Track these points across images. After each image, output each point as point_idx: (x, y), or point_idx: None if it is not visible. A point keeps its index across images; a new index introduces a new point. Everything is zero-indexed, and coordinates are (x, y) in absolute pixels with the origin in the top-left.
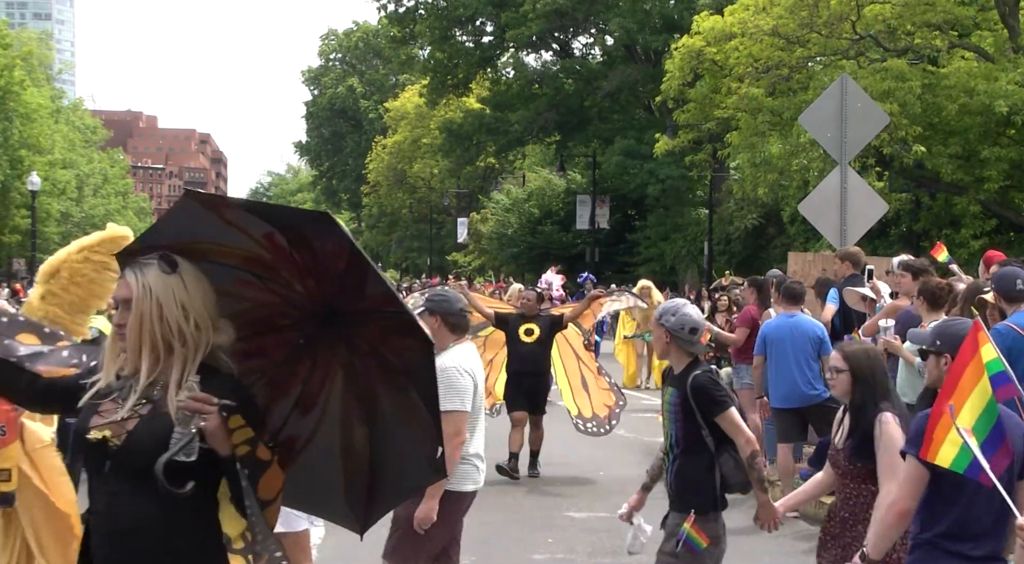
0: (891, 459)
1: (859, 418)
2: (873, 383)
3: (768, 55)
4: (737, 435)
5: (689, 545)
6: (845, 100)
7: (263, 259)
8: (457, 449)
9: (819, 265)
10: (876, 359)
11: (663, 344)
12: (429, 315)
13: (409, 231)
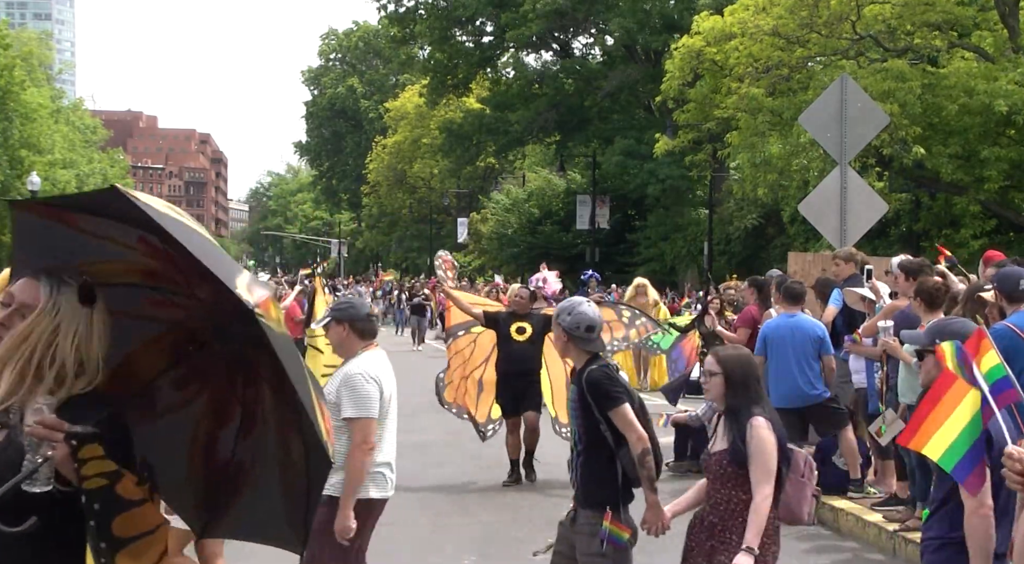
0: (764, 463)
1: (731, 423)
2: (746, 388)
3: (768, 55)
4: (629, 432)
5: (614, 541)
6: (845, 100)
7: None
8: (367, 456)
9: (819, 265)
10: (749, 364)
11: (562, 343)
12: (336, 323)
13: (409, 231)
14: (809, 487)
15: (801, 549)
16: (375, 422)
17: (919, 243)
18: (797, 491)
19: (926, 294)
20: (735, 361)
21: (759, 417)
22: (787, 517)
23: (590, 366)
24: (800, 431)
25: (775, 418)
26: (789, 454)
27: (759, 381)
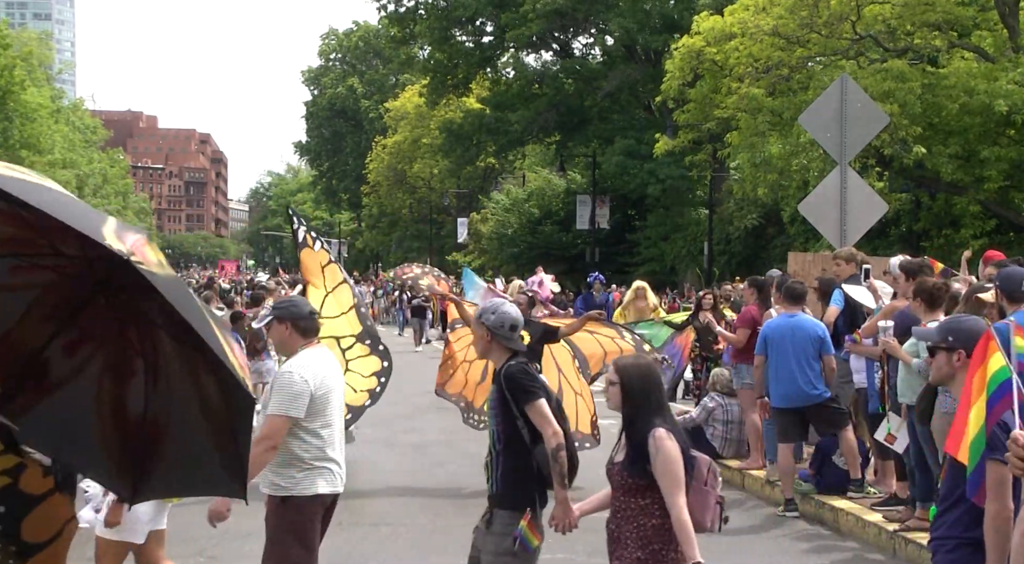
0: (672, 474)
1: (630, 433)
2: (645, 398)
3: (768, 55)
4: (545, 427)
5: (524, 544)
6: (845, 100)
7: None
8: (267, 452)
9: (819, 265)
10: (648, 374)
11: (484, 343)
12: (279, 322)
13: (409, 231)
14: (712, 495)
15: (801, 549)
16: (289, 422)
17: (919, 243)
18: (700, 499)
19: (926, 294)
20: (633, 370)
21: (660, 428)
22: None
23: (509, 363)
24: (800, 431)
25: (677, 427)
26: (692, 461)
27: (661, 390)
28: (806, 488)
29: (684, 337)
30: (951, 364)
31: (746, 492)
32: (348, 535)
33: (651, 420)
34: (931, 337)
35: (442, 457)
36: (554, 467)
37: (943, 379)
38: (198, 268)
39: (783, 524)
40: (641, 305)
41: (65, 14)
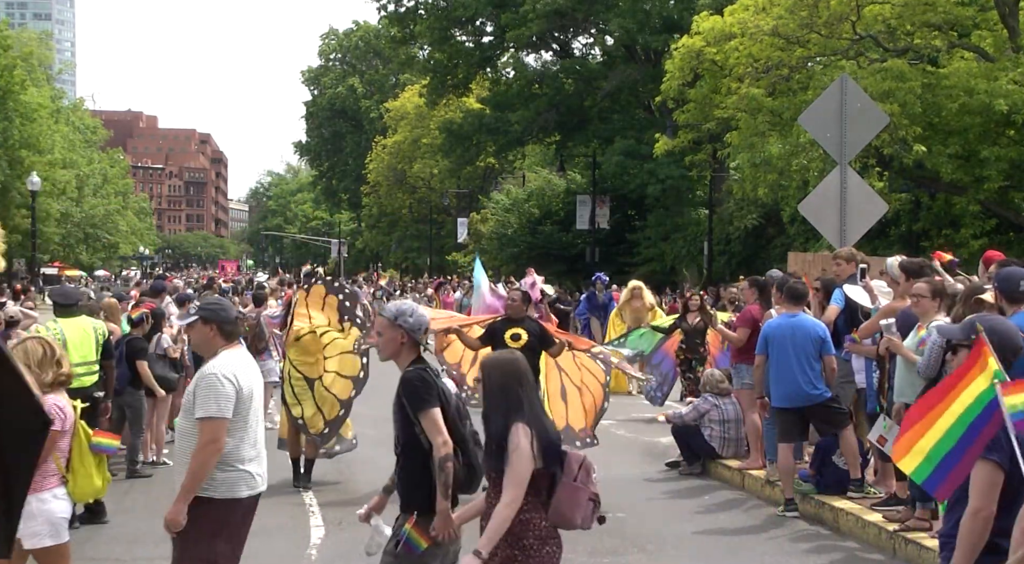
0: (514, 470)
1: (487, 429)
2: (504, 394)
3: (768, 55)
4: (434, 436)
5: (409, 546)
6: (845, 100)
7: None
8: (214, 456)
9: (819, 265)
10: (510, 372)
11: (396, 345)
12: (204, 323)
13: (409, 231)
14: (584, 492)
15: (801, 549)
16: (227, 422)
17: (919, 243)
18: (569, 495)
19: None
20: (493, 366)
21: (518, 423)
22: (558, 521)
23: (410, 367)
24: (801, 431)
25: (542, 423)
26: (563, 457)
27: (523, 386)
28: (806, 488)
29: (672, 342)
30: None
31: (746, 492)
32: (348, 535)
33: (511, 416)
34: (954, 334)
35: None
36: (440, 477)
37: None
38: (198, 268)
39: (783, 524)
40: (637, 305)
41: (65, 14)
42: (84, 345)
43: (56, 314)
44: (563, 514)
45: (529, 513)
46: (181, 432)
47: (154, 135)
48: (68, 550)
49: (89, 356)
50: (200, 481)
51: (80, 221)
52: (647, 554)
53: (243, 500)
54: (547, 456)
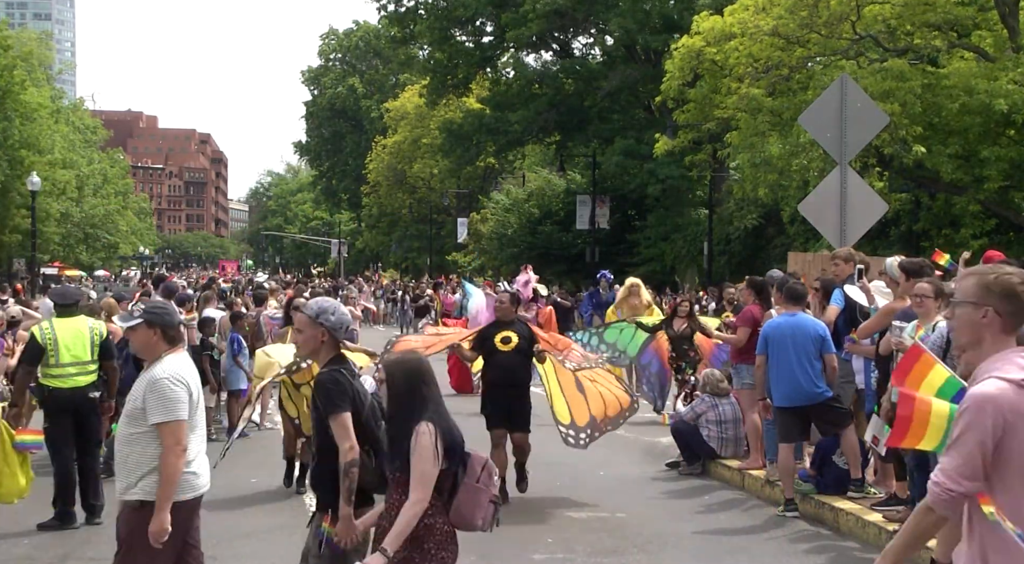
0: (419, 470)
1: (389, 428)
2: (410, 395)
3: (768, 55)
4: (341, 440)
5: (331, 544)
6: (845, 100)
7: None
8: (181, 458)
9: (819, 265)
10: (412, 372)
11: (316, 343)
12: (148, 326)
13: (409, 231)
14: (485, 493)
15: (801, 549)
16: (185, 424)
17: (919, 243)
18: (470, 497)
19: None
20: (396, 367)
21: (423, 422)
22: (459, 523)
23: (327, 368)
24: (801, 431)
25: (446, 423)
26: (466, 459)
27: (428, 386)
28: (806, 488)
29: (659, 342)
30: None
31: (746, 492)
32: None
33: (415, 416)
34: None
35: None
36: (343, 482)
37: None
38: (198, 268)
39: (783, 524)
40: (634, 302)
41: (65, 14)
42: (77, 345)
43: (56, 314)
44: (464, 516)
45: (433, 517)
46: (124, 440)
47: (154, 135)
48: None
49: (82, 356)
50: (175, 484)
51: (80, 221)
52: (647, 554)
53: (188, 502)
54: (450, 457)
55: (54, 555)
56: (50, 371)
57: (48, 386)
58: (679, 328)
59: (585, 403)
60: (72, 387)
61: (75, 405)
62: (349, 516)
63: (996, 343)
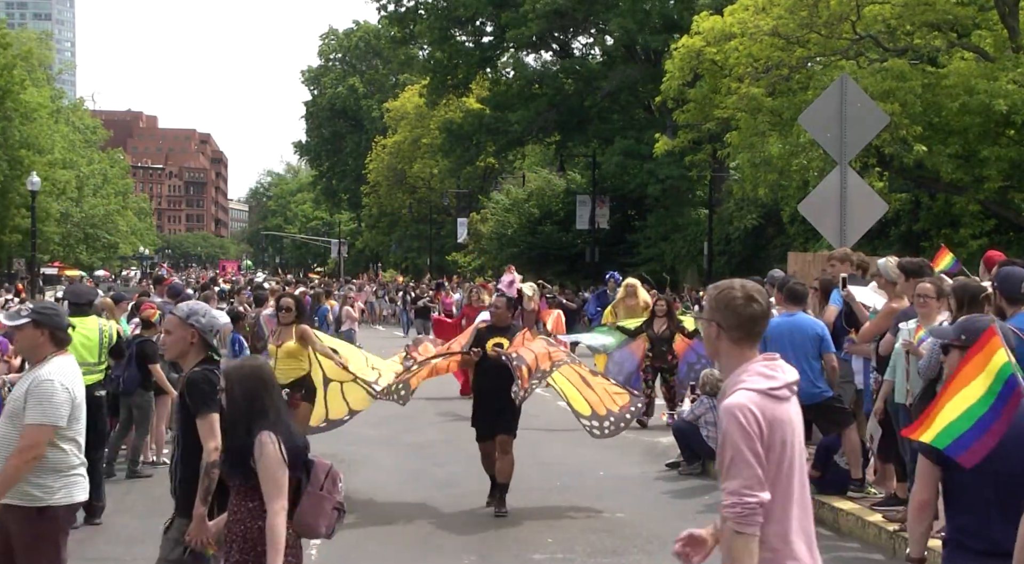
0: (270, 479)
1: (229, 436)
2: (249, 403)
3: (768, 55)
4: (207, 440)
5: (195, 553)
6: (845, 100)
7: None
8: (32, 463)
9: (819, 265)
10: (255, 378)
11: (186, 344)
12: (35, 327)
13: (409, 231)
14: (329, 501)
15: None
16: (55, 429)
17: (919, 243)
18: (314, 504)
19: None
20: (236, 375)
21: (263, 430)
22: (302, 530)
23: (198, 367)
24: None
25: (288, 429)
26: (310, 466)
27: (268, 392)
28: None
29: (638, 343)
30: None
31: None
32: (348, 535)
33: (256, 423)
34: (947, 335)
35: (442, 457)
36: (203, 482)
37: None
38: (198, 268)
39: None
40: (631, 303)
41: (65, 14)
42: (87, 346)
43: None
44: (307, 523)
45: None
46: (6, 440)
47: (154, 135)
48: None
49: (89, 358)
50: (11, 486)
51: (80, 221)
52: (647, 554)
53: (77, 505)
54: (293, 464)
55: None
56: None
57: None
58: (660, 329)
59: (596, 396)
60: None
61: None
62: (202, 517)
63: (731, 356)
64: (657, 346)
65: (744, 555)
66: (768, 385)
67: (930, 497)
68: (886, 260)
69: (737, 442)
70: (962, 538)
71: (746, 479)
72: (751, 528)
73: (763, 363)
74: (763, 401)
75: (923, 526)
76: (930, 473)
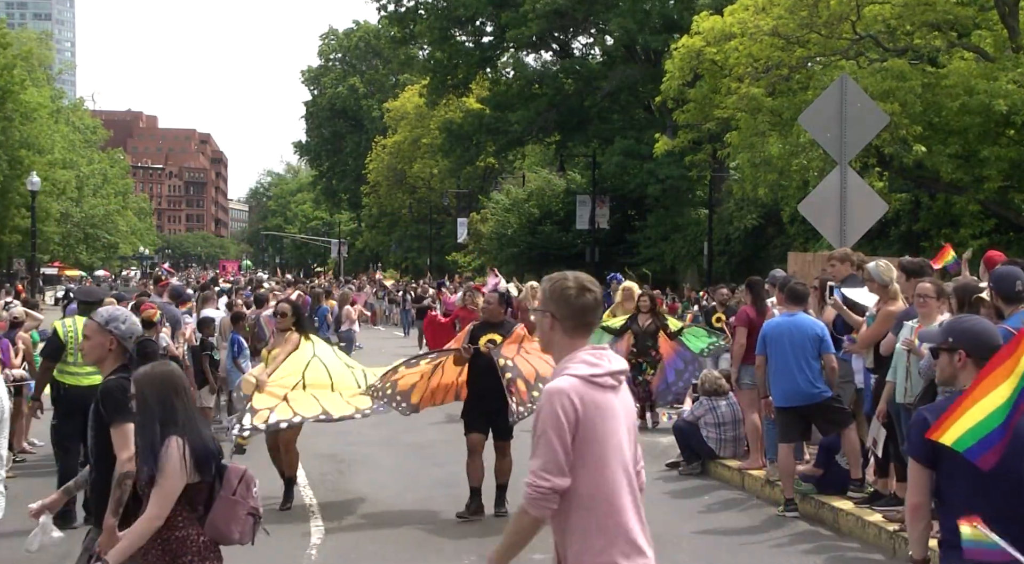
0: (162, 485)
1: (139, 441)
2: (159, 408)
3: (768, 55)
4: (120, 450)
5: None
6: (845, 100)
7: None
8: None
9: (819, 265)
10: (164, 383)
11: (104, 350)
12: None
13: (409, 231)
14: (243, 505)
15: (801, 549)
16: None
17: (919, 243)
18: (226, 510)
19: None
20: (145, 381)
21: (171, 436)
22: (215, 536)
23: (113, 375)
24: (802, 431)
25: (198, 434)
26: (222, 471)
27: (179, 396)
28: (806, 488)
29: (624, 342)
30: (952, 365)
31: (746, 492)
32: (348, 535)
33: (165, 428)
34: (934, 338)
35: (442, 457)
36: (115, 493)
37: (947, 380)
38: (198, 268)
39: (783, 524)
40: (629, 306)
41: (65, 14)
42: None
43: (79, 313)
44: (220, 529)
45: (186, 529)
46: None
47: (154, 135)
48: None
49: None
50: None
51: (80, 221)
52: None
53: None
54: (204, 469)
55: (53, 554)
56: (68, 368)
57: (63, 383)
58: (644, 324)
59: None
60: (88, 385)
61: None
62: (112, 527)
63: (563, 346)
64: (641, 341)
65: (522, 533)
66: (591, 372)
67: (923, 500)
68: (875, 263)
69: (546, 425)
70: (955, 539)
71: (545, 462)
72: (538, 511)
73: (590, 352)
74: (584, 387)
75: (920, 528)
76: (921, 476)
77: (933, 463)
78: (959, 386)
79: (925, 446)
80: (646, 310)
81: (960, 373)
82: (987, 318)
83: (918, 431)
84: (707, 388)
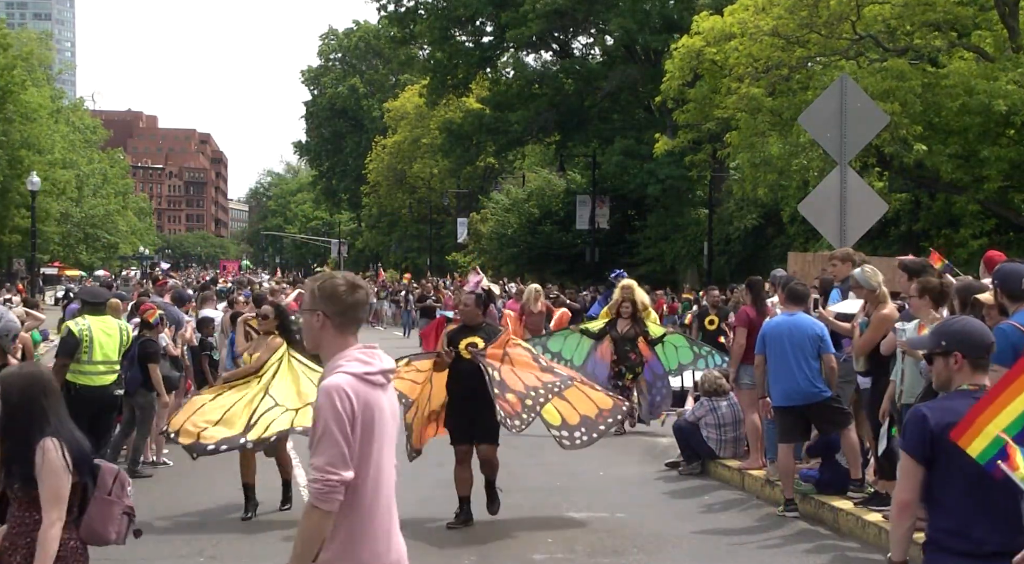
0: (50, 488)
1: (7, 444)
2: (28, 410)
3: (768, 55)
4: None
5: None
6: (845, 100)
7: None
8: None
9: (819, 265)
10: (32, 384)
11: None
12: None
13: (409, 231)
14: (118, 505)
15: (801, 549)
16: None
17: (919, 243)
18: (102, 510)
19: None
20: (12, 382)
21: (45, 438)
22: (90, 537)
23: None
24: (801, 431)
25: (71, 435)
26: (96, 471)
27: (48, 398)
28: (806, 488)
29: (604, 347)
30: (949, 368)
31: (746, 492)
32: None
33: (36, 431)
34: (925, 345)
35: (442, 457)
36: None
37: (943, 384)
38: (198, 268)
39: (783, 524)
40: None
41: (65, 14)
42: (109, 344)
43: (85, 312)
44: (96, 530)
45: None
46: None
47: (154, 135)
48: None
49: (111, 356)
50: None
51: (80, 221)
52: (647, 554)
53: None
54: (79, 469)
55: None
56: (81, 368)
57: (75, 383)
58: (623, 330)
59: (569, 404)
60: (101, 385)
61: (98, 402)
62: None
63: (333, 343)
64: (620, 346)
65: (316, 530)
66: (364, 370)
67: (912, 497)
68: (861, 269)
69: (328, 421)
70: (943, 539)
71: (331, 457)
72: (328, 504)
73: (362, 350)
74: (358, 384)
75: (904, 527)
76: (914, 472)
77: (929, 461)
78: (955, 388)
79: (922, 443)
80: (627, 316)
81: (956, 376)
82: (988, 318)
83: (915, 427)
84: (707, 388)
